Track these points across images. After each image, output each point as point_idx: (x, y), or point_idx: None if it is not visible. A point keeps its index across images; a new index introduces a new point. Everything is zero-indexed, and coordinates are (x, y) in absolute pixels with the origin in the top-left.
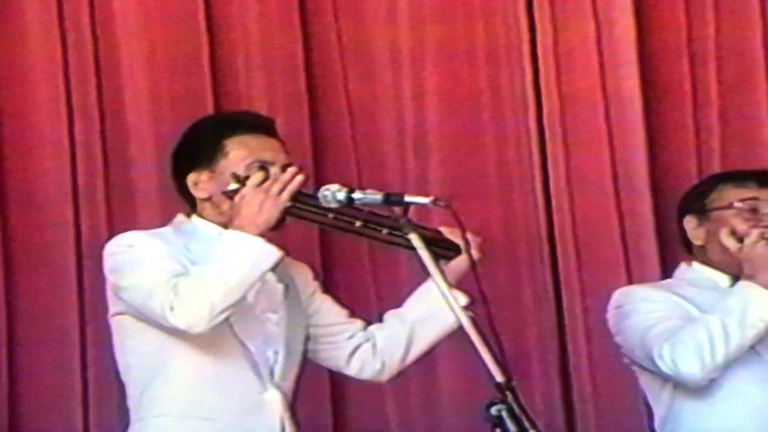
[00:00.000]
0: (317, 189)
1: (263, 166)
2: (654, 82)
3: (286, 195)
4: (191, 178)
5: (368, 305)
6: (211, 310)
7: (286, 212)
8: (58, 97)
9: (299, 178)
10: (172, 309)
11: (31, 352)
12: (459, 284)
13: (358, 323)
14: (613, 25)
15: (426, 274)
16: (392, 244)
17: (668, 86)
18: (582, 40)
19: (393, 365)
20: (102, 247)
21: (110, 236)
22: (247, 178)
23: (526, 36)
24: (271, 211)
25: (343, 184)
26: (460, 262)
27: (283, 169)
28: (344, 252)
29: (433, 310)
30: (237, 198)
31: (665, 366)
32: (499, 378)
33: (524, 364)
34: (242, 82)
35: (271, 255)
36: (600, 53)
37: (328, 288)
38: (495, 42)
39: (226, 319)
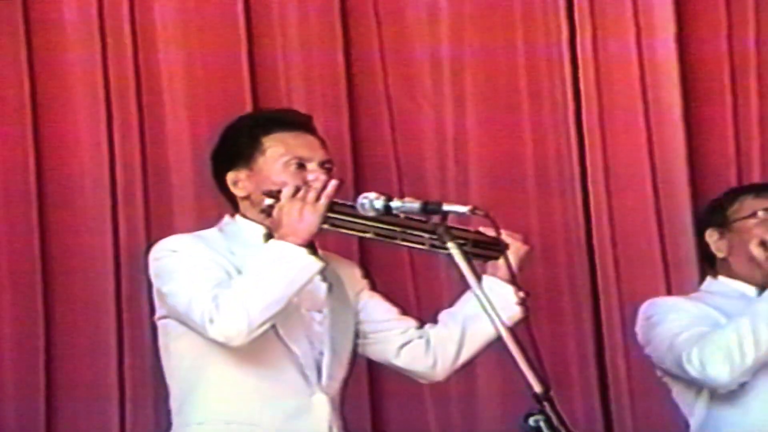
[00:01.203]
0: (357, 194)
1: (300, 164)
2: (694, 89)
3: (323, 201)
4: (230, 176)
5: (408, 312)
6: (250, 324)
7: (325, 220)
8: (97, 101)
9: (334, 182)
10: (211, 321)
11: (68, 356)
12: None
13: (411, 321)
14: (653, 32)
15: (465, 282)
16: (433, 250)
17: (708, 93)
18: (622, 47)
19: (446, 362)
20: (140, 251)
21: (148, 240)
22: (279, 192)
23: (566, 42)
24: (311, 218)
25: (381, 193)
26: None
27: (322, 165)
28: (384, 259)
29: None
30: (275, 213)
31: (694, 370)
32: (538, 388)
33: (563, 374)
34: (282, 88)
35: (312, 266)
36: (640, 60)
37: None
38: (535, 48)
39: (273, 325)
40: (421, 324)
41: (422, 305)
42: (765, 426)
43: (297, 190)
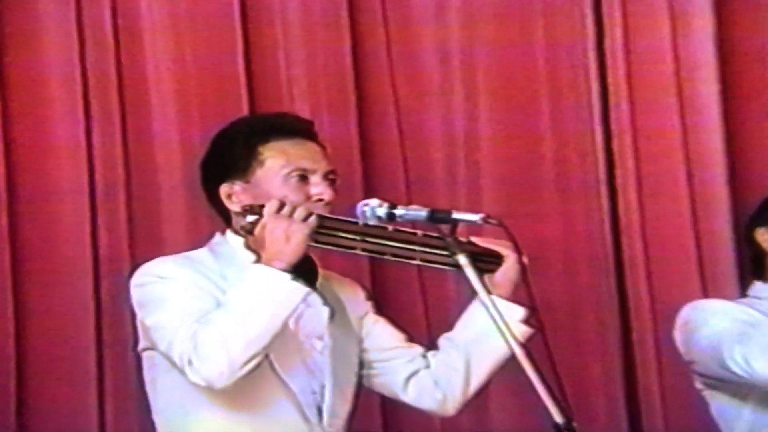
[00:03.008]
0: (365, 196)
1: (303, 175)
2: (733, 85)
3: (313, 219)
4: (224, 189)
5: (418, 332)
6: (231, 365)
7: (314, 238)
8: (74, 100)
9: (321, 204)
10: (190, 363)
11: (43, 379)
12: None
13: (418, 348)
14: (689, 24)
15: (473, 295)
16: (430, 263)
17: (749, 91)
18: (655, 40)
19: (455, 394)
20: (122, 265)
21: (131, 253)
22: (262, 207)
23: (592, 34)
24: (298, 237)
25: (384, 200)
26: (504, 273)
27: (326, 176)
28: (393, 276)
29: (488, 328)
30: (257, 231)
31: (737, 366)
32: (559, 418)
33: (586, 400)
34: (283, 86)
35: (296, 293)
36: (675, 54)
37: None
38: (556, 40)
39: (266, 355)
40: (428, 349)
41: (432, 324)
42: None
43: (281, 206)
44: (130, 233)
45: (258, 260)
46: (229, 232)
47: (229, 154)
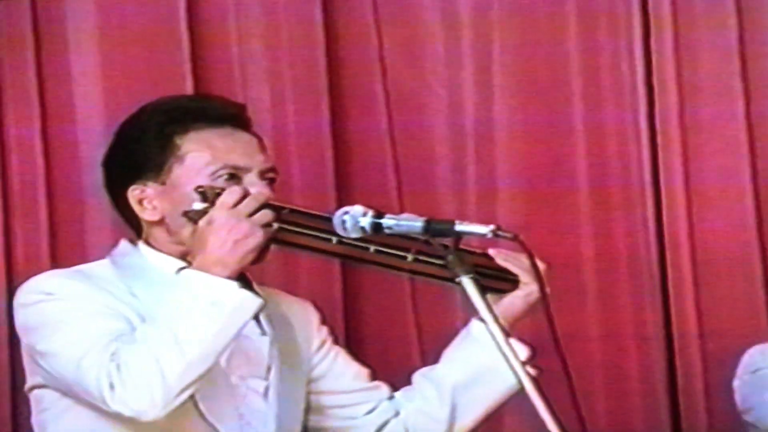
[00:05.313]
0: (340, 204)
1: (233, 174)
2: None
3: (276, 225)
4: (134, 193)
5: (409, 346)
6: (166, 392)
7: (272, 240)
8: None
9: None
10: (112, 388)
11: None
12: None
13: (384, 389)
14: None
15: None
16: (418, 274)
17: None
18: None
19: None
20: None
21: (54, 267)
22: (218, 194)
23: (638, 7)
24: (249, 245)
25: (369, 207)
26: (513, 300)
27: (263, 175)
28: (376, 276)
29: (482, 369)
30: (202, 223)
31: None
32: None
33: None
34: (234, 60)
35: (249, 305)
36: (741, 34)
37: (350, 329)
38: (592, 12)
39: (191, 396)
40: (395, 388)
41: (426, 342)
42: None
43: (242, 197)
44: (51, 241)
45: (187, 265)
46: (141, 244)
47: (140, 149)
